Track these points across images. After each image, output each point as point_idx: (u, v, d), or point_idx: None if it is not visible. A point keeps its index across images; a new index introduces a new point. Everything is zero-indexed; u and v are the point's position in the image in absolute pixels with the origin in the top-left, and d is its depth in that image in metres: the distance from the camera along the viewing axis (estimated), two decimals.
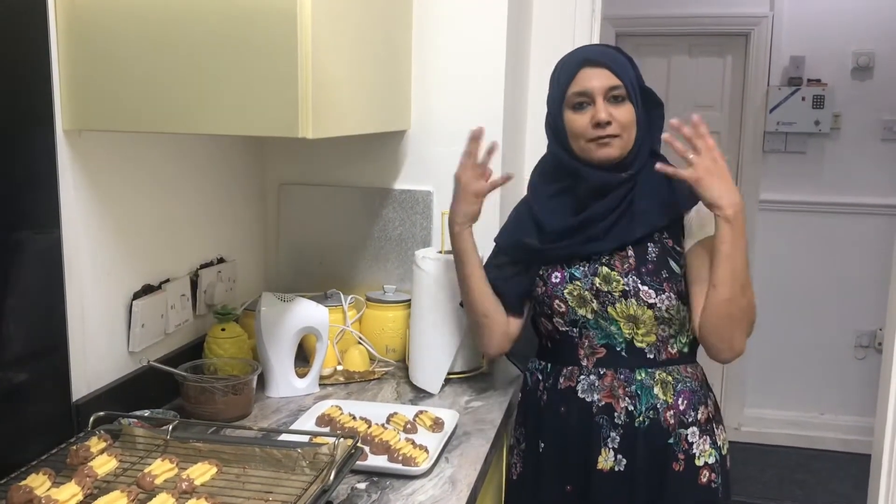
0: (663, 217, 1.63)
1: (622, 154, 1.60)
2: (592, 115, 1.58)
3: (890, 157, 4.22)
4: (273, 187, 2.28)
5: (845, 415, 4.40)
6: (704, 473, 1.65)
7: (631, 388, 1.62)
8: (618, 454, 1.62)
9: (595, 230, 1.61)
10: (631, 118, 1.60)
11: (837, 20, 4.20)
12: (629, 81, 1.60)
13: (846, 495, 3.82)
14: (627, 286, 1.59)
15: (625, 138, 1.60)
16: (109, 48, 1.40)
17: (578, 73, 1.60)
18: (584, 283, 1.62)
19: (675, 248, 1.63)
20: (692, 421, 1.64)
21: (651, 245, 1.62)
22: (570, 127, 1.62)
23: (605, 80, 1.58)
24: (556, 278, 1.65)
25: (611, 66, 1.59)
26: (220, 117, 1.40)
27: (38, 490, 1.16)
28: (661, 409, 1.62)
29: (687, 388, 1.65)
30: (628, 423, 1.62)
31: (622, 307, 1.60)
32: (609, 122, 1.57)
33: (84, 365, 1.51)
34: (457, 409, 1.76)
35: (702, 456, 1.65)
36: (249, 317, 1.96)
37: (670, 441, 1.62)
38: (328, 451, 1.28)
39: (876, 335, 4.26)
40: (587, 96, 1.59)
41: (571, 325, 1.65)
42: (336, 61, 1.50)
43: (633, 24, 4.46)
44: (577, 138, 1.61)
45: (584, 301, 1.63)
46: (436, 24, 2.08)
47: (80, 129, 1.46)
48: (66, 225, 1.43)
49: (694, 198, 1.58)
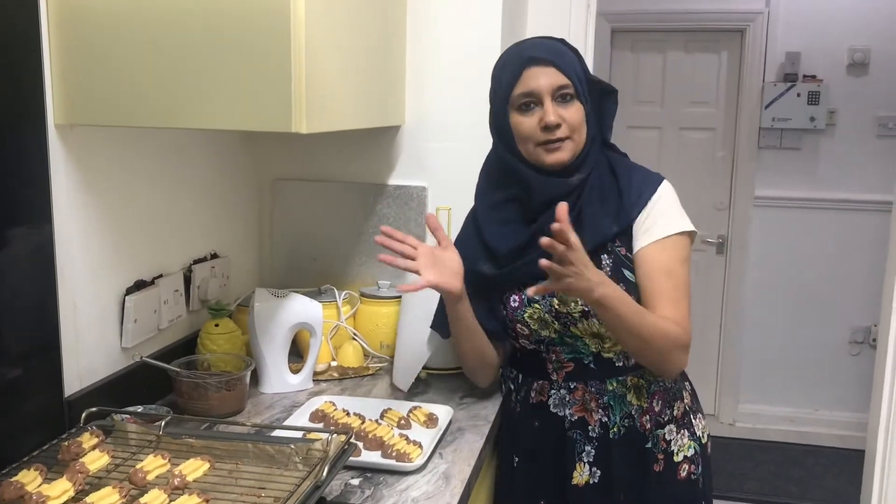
0: (613, 224, 1.55)
1: (573, 157, 1.54)
2: (540, 117, 1.51)
3: (885, 154, 4.22)
4: (267, 183, 2.28)
5: (840, 411, 4.41)
6: (683, 468, 1.64)
7: (603, 399, 1.59)
8: (592, 467, 1.60)
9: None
10: (580, 118, 1.53)
11: (833, 16, 4.20)
12: (577, 78, 1.53)
13: (840, 491, 3.83)
14: (585, 306, 1.53)
15: (575, 140, 1.53)
16: (102, 42, 1.40)
17: (524, 72, 1.52)
18: (543, 306, 1.58)
19: (628, 255, 1.57)
20: (668, 419, 1.63)
21: (605, 256, 1.56)
22: (516, 130, 1.55)
23: (553, 78, 1.51)
24: (515, 302, 1.61)
25: (557, 63, 1.51)
26: (213, 112, 1.39)
27: (30, 486, 1.16)
28: (636, 415, 1.60)
29: (660, 387, 1.63)
30: (603, 434, 1.59)
31: (584, 326, 1.56)
32: (559, 125, 1.50)
33: (76, 360, 1.50)
34: (451, 404, 1.75)
35: (680, 451, 1.63)
36: (243, 312, 1.95)
37: (648, 445, 1.61)
38: (321, 446, 1.28)
39: (870, 331, 4.27)
40: (533, 97, 1.52)
41: (538, 344, 1.63)
42: (330, 55, 1.49)
43: (629, 19, 4.45)
44: (525, 142, 1.54)
45: (545, 323, 1.59)
46: (430, 18, 2.08)
47: (73, 124, 1.45)
48: (58, 220, 1.43)
49: (644, 198, 1.55)
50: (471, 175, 2.09)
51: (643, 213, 1.56)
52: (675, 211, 1.59)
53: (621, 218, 1.55)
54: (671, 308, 1.53)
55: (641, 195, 1.56)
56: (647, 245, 1.55)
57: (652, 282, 1.54)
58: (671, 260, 1.55)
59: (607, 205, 1.56)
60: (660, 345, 1.50)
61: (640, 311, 1.49)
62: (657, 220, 1.55)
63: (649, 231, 1.55)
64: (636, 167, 1.63)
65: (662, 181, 1.60)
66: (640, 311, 1.49)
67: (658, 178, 1.61)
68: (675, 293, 1.54)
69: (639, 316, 1.47)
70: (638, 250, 1.55)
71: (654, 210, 1.56)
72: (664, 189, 1.59)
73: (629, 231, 1.57)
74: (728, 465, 4.05)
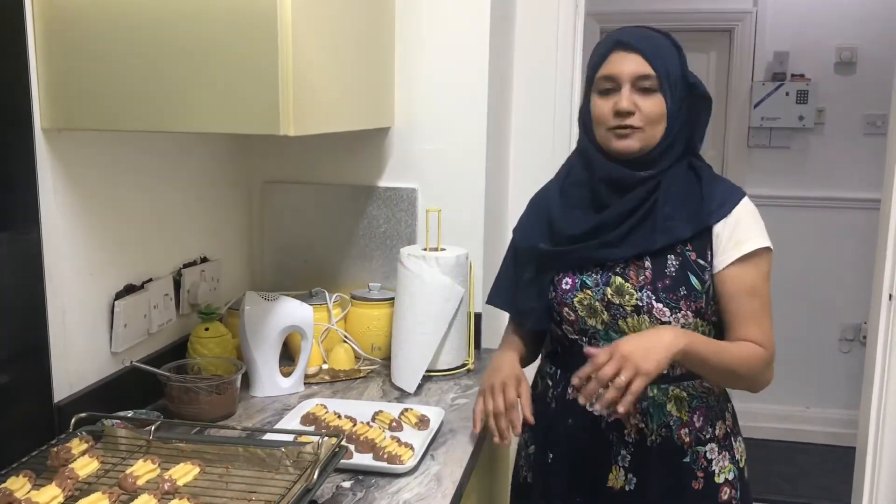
0: (688, 228, 1.51)
1: (643, 149, 1.50)
2: (616, 101, 1.49)
3: (873, 152, 4.23)
4: (257, 186, 2.27)
5: (831, 408, 4.42)
6: (725, 490, 1.59)
7: (642, 404, 1.54)
8: (628, 473, 1.56)
9: (611, 235, 1.52)
10: (659, 111, 1.49)
11: (821, 15, 4.22)
12: (664, 71, 1.48)
13: (832, 488, 3.84)
14: (641, 301, 1.50)
15: (648, 132, 1.49)
16: (89, 46, 1.39)
17: (609, 55, 1.51)
18: (596, 293, 1.54)
19: (699, 261, 1.51)
20: (710, 437, 1.58)
21: (671, 257, 1.51)
22: (594, 111, 1.53)
23: (636, 66, 1.48)
24: (567, 285, 1.57)
25: (645, 51, 1.48)
26: (201, 115, 1.39)
27: (18, 492, 1.15)
28: (674, 426, 1.55)
29: (703, 404, 1.58)
30: (639, 441, 1.55)
31: (633, 322, 1.52)
32: (631, 113, 1.47)
33: (65, 366, 1.49)
34: (442, 406, 1.76)
35: (721, 472, 1.58)
36: (233, 316, 1.95)
37: (686, 459, 1.56)
38: (312, 449, 1.27)
39: (861, 328, 4.28)
40: (614, 81, 1.49)
41: (580, 335, 1.58)
42: (318, 58, 1.49)
43: (617, 20, 4.44)
44: (599, 125, 1.52)
45: (594, 311, 1.54)
46: (419, 20, 2.08)
47: (60, 128, 1.44)
48: (45, 225, 1.42)
49: (726, 208, 1.52)
50: (461, 176, 2.10)
51: (722, 223, 1.52)
52: (757, 227, 1.56)
53: (697, 222, 1.52)
54: (754, 328, 1.53)
55: (723, 205, 1.53)
56: (730, 264, 1.52)
57: (736, 303, 1.53)
58: (755, 278, 1.54)
59: (685, 207, 1.52)
60: (745, 374, 1.52)
61: (720, 350, 1.50)
62: (740, 237, 1.52)
63: (733, 247, 1.52)
64: (722, 178, 1.61)
65: (745, 196, 1.57)
66: (720, 349, 1.50)
67: (741, 192, 1.57)
68: (760, 311, 1.54)
69: (720, 355, 1.49)
70: (721, 269, 1.52)
71: (738, 225, 1.52)
72: (747, 203, 1.56)
73: (706, 237, 1.53)
74: None
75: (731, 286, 1.52)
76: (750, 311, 1.53)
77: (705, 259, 1.52)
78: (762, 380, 1.55)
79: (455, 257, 1.91)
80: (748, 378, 1.53)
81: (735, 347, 1.51)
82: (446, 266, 1.88)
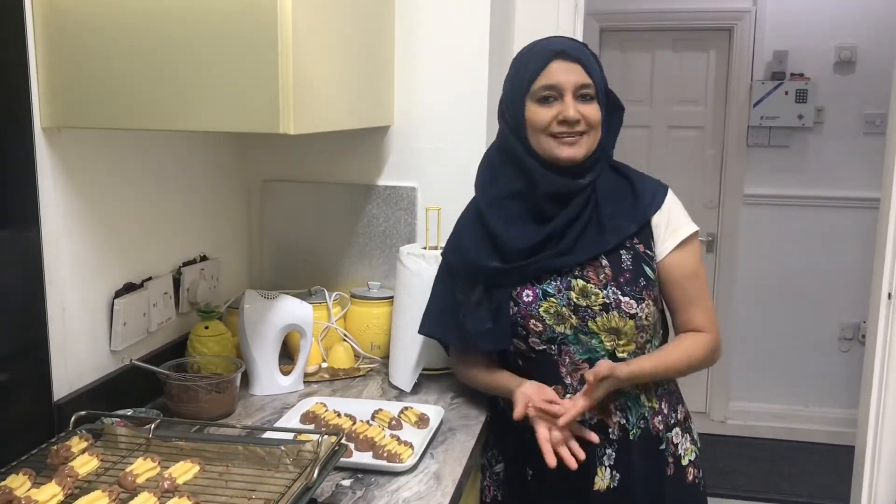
0: (632, 224, 1.58)
1: (587, 154, 1.55)
2: (559, 110, 1.51)
3: (872, 151, 4.23)
4: (256, 184, 2.27)
5: (830, 407, 4.43)
6: (690, 471, 1.64)
7: (620, 400, 1.57)
8: (613, 471, 1.58)
9: (563, 244, 1.55)
10: (598, 118, 1.54)
11: (820, 14, 4.22)
12: (598, 81, 1.55)
13: (831, 487, 3.84)
14: (608, 298, 1.54)
15: (592, 137, 1.54)
16: (88, 44, 1.39)
17: (549, 64, 1.52)
18: (560, 300, 1.55)
19: (647, 252, 1.59)
20: (674, 422, 1.64)
21: (624, 252, 1.57)
22: (531, 119, 1.54)
23: (577, 76, 1.52)
24: (529, 297, 1.57)
25: (584, 62, 1.53)
26: (201, 113, 1.38)
27: (18, 491, 1.15)
28: (648, 416, 1.59)
29: (666, 390, 1.64)
30: (622, 437, 1.58)
31: (603, 320, 1.54)
32: (577, 121, 1.51)
33: (65, 364, 1.50)
34: (442, 404, 1.76)
35: (686, 455, 1.64)
36: (233, 314, 1.95)
37: (662, 447, 1.61)
38: (312, 448, 1.27)
39: (860, 327, 4.29)
40: (555, 90, 1.52)
41: (549, 343, 1.58)
42: (317, 56, 1.49)
43: (617, 19, 4.46)
44: (538, 132, 1.54)
45: (562, 318, 1.55)
46: (418, 18, 2.08)
47: (60, 127, 1.44)
48: (45, 223, 1.42)
49: (658, 200, 1.60)
50: (460, 175, 2.09)
51: (658, 214, 1.61)
52: (685, 215, 1.65)
53: (638, 217, 1.59)
54: (698, 312, 1.62)
55: (655, 198, 1.61)
56: (670, 253, 1.60)
57: (682, 289, 1.62)
58: (693, 261, 1.63)
59: (622, 205, 1.59)
60: (696, 365, 1.62)
61: (665, 360, 1.58)
62: (675, 225, 1.61)
63: (670, 235, 1.60)
64: (644, 174, 1.68)
65: (668, 187, 1.66)
66: (664, 360, 1.58)
67: (665, 184, 1.67)
68: (702, 293, 1.63)
69: (666, 363, 1.58)
70: (663, 257, 1.60)
71: (671, 214, 1.61)
72: (671, 194, 1.65)
73: (646, 229, 1.60)
74: (719, 463, 4.06)
75: (675, 271, 1.61)
76: (694, 295, 1.62)
77: (651, 249, 1.60)
78: (710, 362, 1.65)
79: None
80: (697, 368, 1.63)
81: (676, 351, 1.61)
82: None
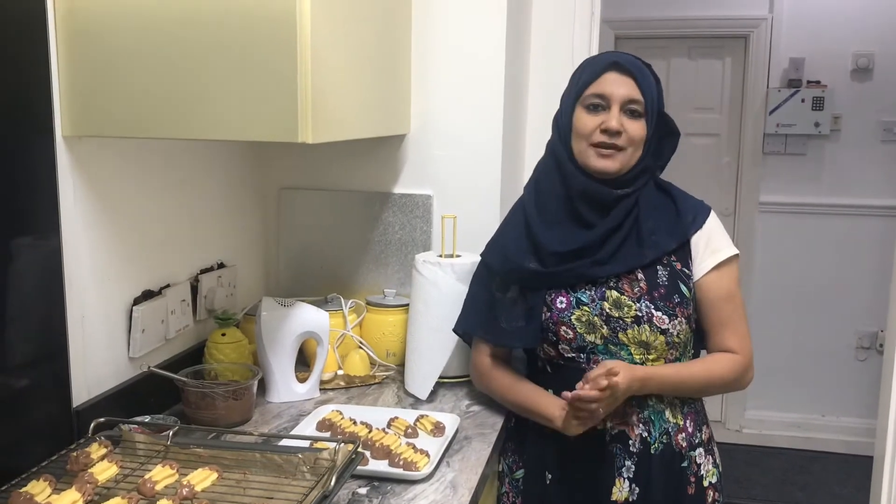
0: (672, 240, 1.59)
1: (621, 170, 1.55)
2: (604, 120, 1.53)
3: (890, 159, 4.22)
4: (273, 192, 2.28)
5: (847, 416, 4.40)
6: (710, 494, 1.63)
7: (644, 413, 1.57)
8: (632, 483, 1.57)
9: (601, 254, 1.56)
10: (641, 135, 1.55)
11: (837, 22, 4.20)
12: (650, 100, 1.55)
13: (848, 497, 3.82)
14: (640, 311, 1.54)
15: (629, 154, 1.55)
16: (109, 54, 1.40)
17: (603, 74, 1.55)
18: (593, 309, 1.56)
19: (684, 270, 1.59)
20: (699, 442, 1.62)
21: (660, 268, 1.58)
22: (576, 125, 1.57)
23: (628, 90, 1.53)
24: (562, 304, 1.58)
25: (638, 77, 1.54)
26: (219, 123, 1.40)
27: (39, 497, 1.16)
28: (672, 432, 1.59)
29: (692, 409, 1.63)
30: (643, 450, 1.57)
31: (634, 333, 1.55)
32: (619, 133, 1.52)
33: (84, 371, 1.51)
34: (458, 413, 1.76)
35: (707, 476, 1.63)
36: (250, 322, 1.96)
37: (684, 465, 1.60)
38: (329, 455, 1.28)
39: (877, 336, 4.26)
40: (604, 100, 1.54)
41: (578, 352, 1.59)
42: (335, 66, 1.50)
43: (633, 26, 4.46)
44: (581, 138, 1.56)
45: (593, 327, 1.56)
46: (435, 27, 2.08)
47: (80, 135, 1.46)
48: (65, 231, 1.43)
49: (700, 220, 1.60)
50: (476, 183, 2.10)
51: (698, 234, 1.61)
52: (726, 237, 1.65)
53: (678, 234, 1.60)
54: (732, 335, 1.60)
55: (696, 218, 1.62)
56: (709, 271, 1.60)
57: (716, 310, 1.61)
58: (730, 284, 1.62)
59: (664, 221, 1.60)
60: (718, 381, 1.60)
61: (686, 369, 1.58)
62: (715, 246, 1.61)
63: (710, 255, 1.60)
64: (688, 193, 1.69)
65: (711, 209, 1.67)
66: (685, 369, 1.58)
67: (708, 206, 1.67)
68: (735, 315, 1.61)
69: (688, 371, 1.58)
70: (700, 277, 1.60)
71: (712, 236, 1.61)
72: (714, 216, 1.66)
73: (685, 248, 1.61)
74: (735, 472, 4.03)
75: (711, 292, 1.60)
76: (727, 317, 1.61)
77: (688, 268, 1.60)
78: (739, 385, 1.63)
79: (470, 264, 1.90)
80: (723, 388, 1.62)
81: (703, 367, 1.60)
82: (461, 273, 1.88)
